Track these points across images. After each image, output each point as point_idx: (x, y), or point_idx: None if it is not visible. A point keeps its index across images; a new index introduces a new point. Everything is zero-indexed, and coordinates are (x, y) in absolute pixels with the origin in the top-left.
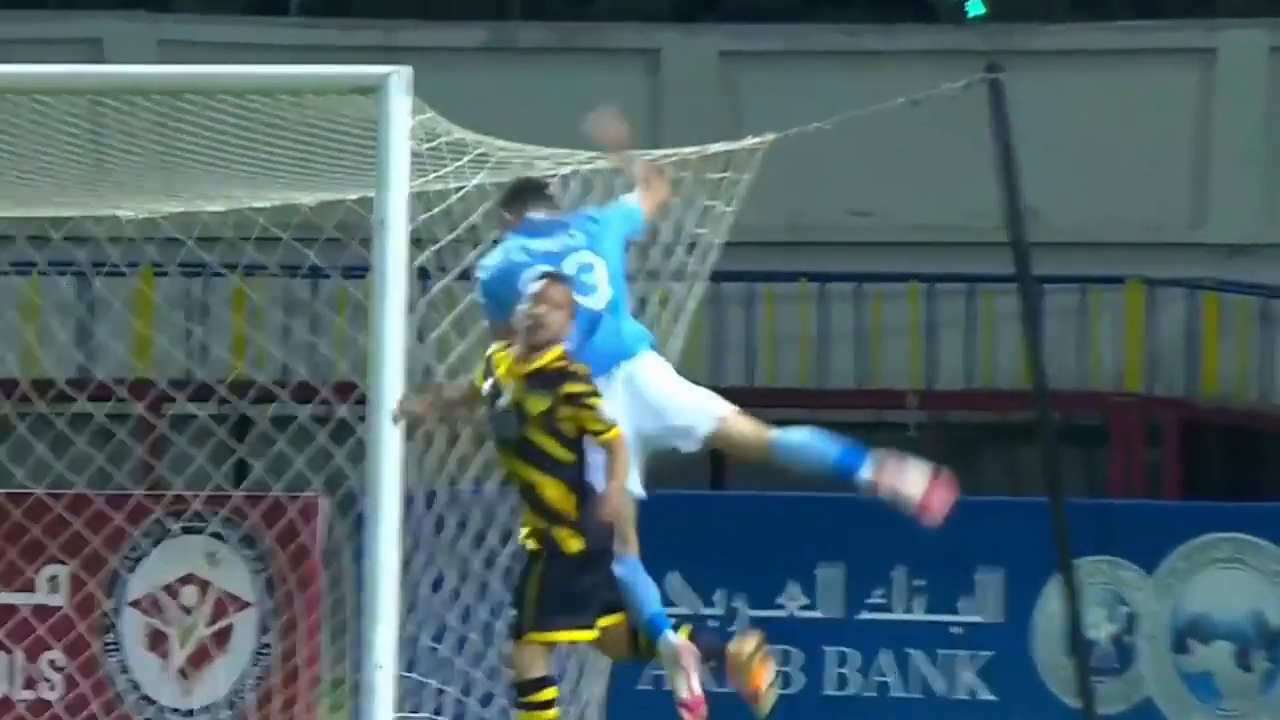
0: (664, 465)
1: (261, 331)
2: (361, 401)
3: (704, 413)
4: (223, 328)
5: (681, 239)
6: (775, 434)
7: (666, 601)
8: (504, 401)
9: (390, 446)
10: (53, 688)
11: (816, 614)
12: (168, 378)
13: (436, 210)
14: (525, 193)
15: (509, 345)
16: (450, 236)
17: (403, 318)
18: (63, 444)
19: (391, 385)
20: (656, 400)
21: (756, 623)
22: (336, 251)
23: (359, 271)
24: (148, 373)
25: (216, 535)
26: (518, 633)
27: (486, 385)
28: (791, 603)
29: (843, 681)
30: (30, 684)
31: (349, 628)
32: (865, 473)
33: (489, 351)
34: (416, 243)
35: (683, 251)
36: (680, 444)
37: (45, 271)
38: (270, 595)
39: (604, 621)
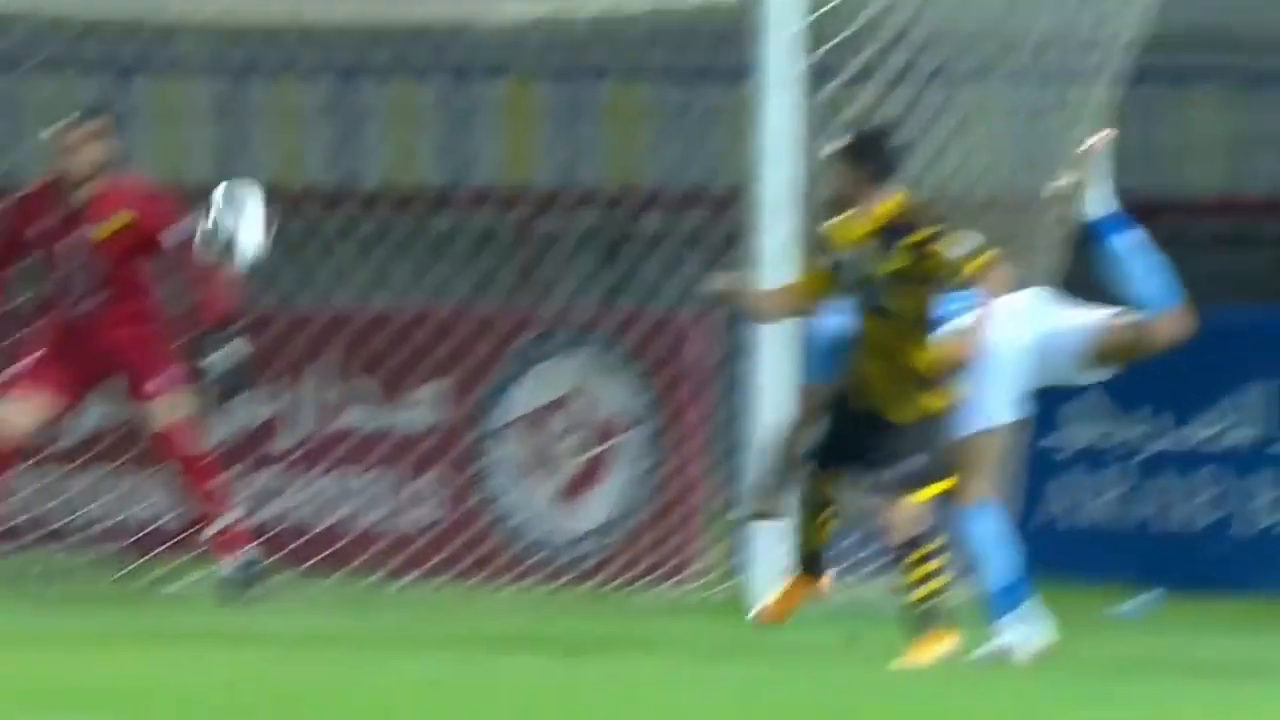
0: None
1: (638, 140)
2: (743, 214)
3: (1088, 321)
4: (597, 136)
5: (1090, 37)
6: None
7: (1087, 418)
8: (854, 270)
9: (777, 261)
10: (430, 510)
11: (1240, 435)
12: (543, 189)
13: (827, 7)
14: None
15: (841, 214)
16: (843, 34)
17: (791, 123)
18: (437, 257)
19: (777, 195)
20: (1039, 326)
21: (1179, 447)
22: (720, 54)
23: (743, 75)
24: (522, 183)
25: (597, 354)
26: (899, 492)
27: (828, 260)
28: (1215, 424)
29: (1264, 513)
30: (407, 507)
31: (733, 453)
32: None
33: (822, 229)
34: (810, 42)
35: (1088, 52)
36: (1077, 370)
37: (417, 77)
38: (652, 417)
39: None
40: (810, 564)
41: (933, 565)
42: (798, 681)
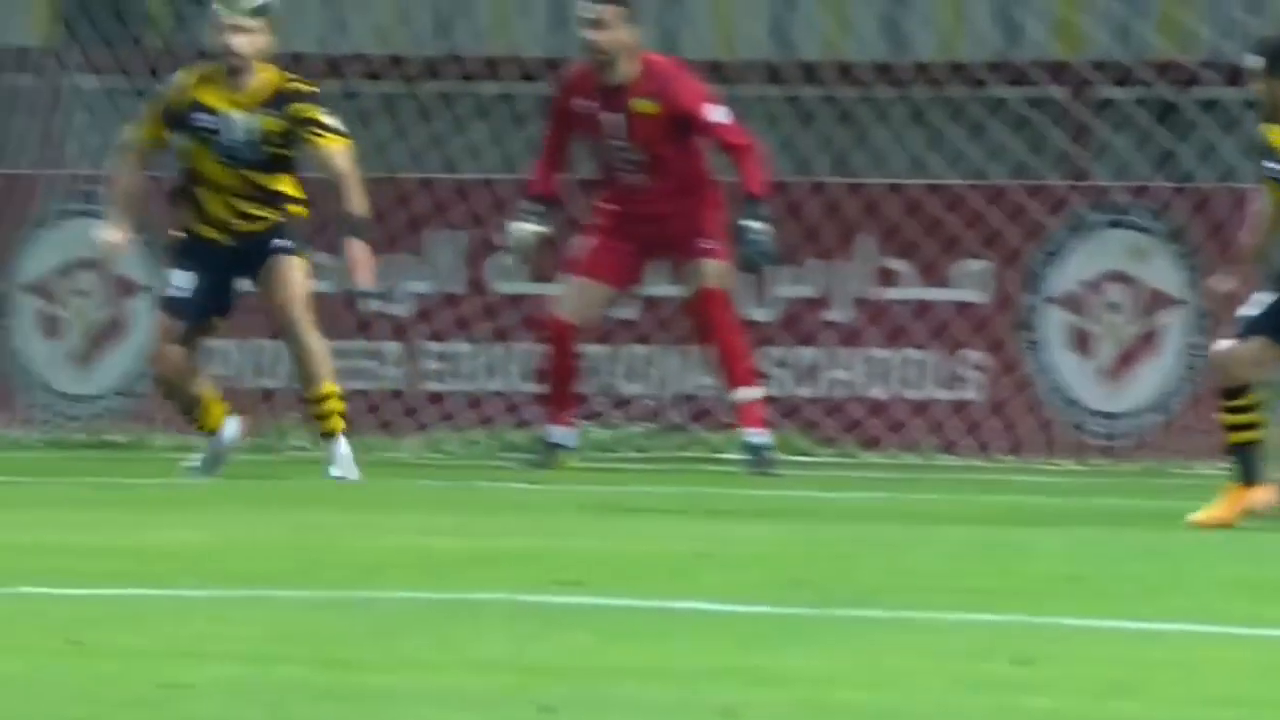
0: None
1: (1190, 7)
2: None
3: None
4: (1146, 4)
5: None
6: None
7: None
8: None
9: None
10: (973, 387)
11: None
12: (1089, 59)
13: None
14: None
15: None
16: None
17: None
18: (981, 131)
19: None
20: None
21: None
22: None
23: None
24: (1069, 54)
25: (1143, 228)
26: (1250, 331)
27: (1268, 169)
28: None
29: None
30: (950, 383)
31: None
32: None
33: (1259, 137)
34: None
35: None
36: None
37: None
38: (1195, 295)
39: None
40: (1250, 471)
41: (1250, 416)
42: None
